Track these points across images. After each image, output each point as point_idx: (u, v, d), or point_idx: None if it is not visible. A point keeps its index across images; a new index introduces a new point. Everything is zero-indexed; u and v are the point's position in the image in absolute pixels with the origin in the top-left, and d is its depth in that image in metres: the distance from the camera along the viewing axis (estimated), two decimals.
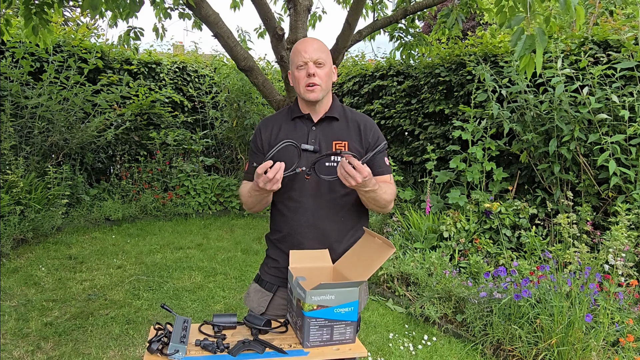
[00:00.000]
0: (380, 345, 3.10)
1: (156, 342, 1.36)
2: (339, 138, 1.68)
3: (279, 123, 1.74)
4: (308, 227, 1.66)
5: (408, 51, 5.57)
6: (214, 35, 4.06)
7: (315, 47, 1.64)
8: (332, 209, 1.67)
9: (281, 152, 1.53)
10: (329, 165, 1.63)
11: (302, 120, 1.71)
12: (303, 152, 1.62)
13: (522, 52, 1.99)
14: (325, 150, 1.65)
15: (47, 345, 2.95)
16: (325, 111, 1.71)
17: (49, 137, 5.93)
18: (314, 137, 1.67)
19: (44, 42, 3.93)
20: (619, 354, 2.69)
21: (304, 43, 1.66)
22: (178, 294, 3.86)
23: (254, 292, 1.79)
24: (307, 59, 1.61)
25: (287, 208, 1.69)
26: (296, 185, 1.66)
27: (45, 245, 4.99)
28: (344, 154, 1.47)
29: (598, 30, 4.38)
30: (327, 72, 1.65)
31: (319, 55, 1.62)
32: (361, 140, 1.69)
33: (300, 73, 1.63)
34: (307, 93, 1.63)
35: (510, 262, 3.79)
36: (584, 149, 4.00)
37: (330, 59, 1.68)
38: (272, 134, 1.71)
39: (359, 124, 1.72)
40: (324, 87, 1.64)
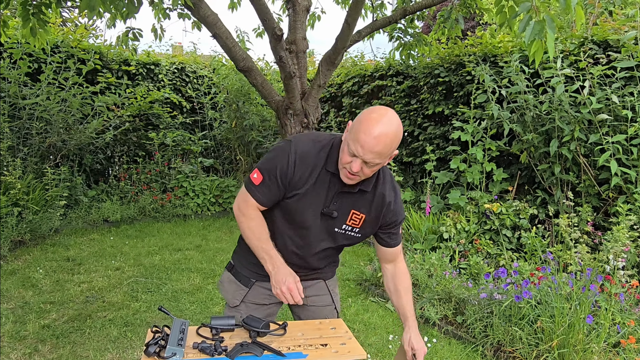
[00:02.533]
0: (380, 347, 3.08)
1: (153, 345, 1.34)
2: (358, 209, 1.59)
3: (314, 168, 1.54)
4: (294, 261, 1.68)
5: (407, 51, 5.56)
6: (212, 36, 4.05)
7: (376, 150, 1.38)
8: (323, 257, 1.72)
9: (302, 204, 1.57)
10: (338, 231, 1.62)
11: (334, 177, 1.55)
12: (322, 214, 1.59)
13: (532, 37, 1.95)
14: (341, 216, 1.59)
15: (45, 348, 2.93)
16: (358, 182, 1.55)
17: (47, 138, 5.91)
18: (337, 201, 1.57)
19: (41, 42, 3.91)
20: (620, 356, 2.67)
21: (367, 135, 1.37)
22: (177, 296, 3.84)
23: (228, 282, 1.79)
24: (360, 156, 1.40)
25: (283, 240, 1.66)
26: (300, 233, 1.64)
27: (43, 247, 4.97)
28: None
29: (598, 30, 4.37)
30: (374, 169, 1.48)
31: (373, 159, 1.40)
32: (379, 217, 1.63)
33: (346, 157, 1.44)
34: (343, 176, 1.50)
35: (511, 263, 3.77)
36: (584, 149, 3.99)
37: (390, 156, 1.46)
38: (303, 177, 1.54)
39: (384, 201, 1.60)
40: (363, 178, 1.51)
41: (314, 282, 1.79)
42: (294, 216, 1.60)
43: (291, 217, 1.61)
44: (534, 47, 2.01)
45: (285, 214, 1.61)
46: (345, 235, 1.63)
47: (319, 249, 1.66)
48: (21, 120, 5.76)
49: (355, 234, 1.64)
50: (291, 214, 1.60)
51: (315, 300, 1.79)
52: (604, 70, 3.82)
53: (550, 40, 1.89)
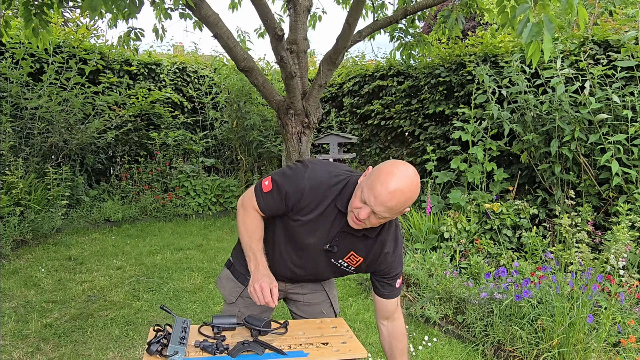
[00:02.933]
0: (381, 347, 3.09)
1: (155, 344, 1.35)
2: (357, 251, 1.60)
3: (323, 200, 1.52)
4: (293, 278, 1.74)
5: (408, 51, 5.56)
6: (213, 36, 4.05)
7: (389, 205, 1.36)
8: (319, 280, 1.78)
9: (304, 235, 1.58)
10: (334, 263, 1.64)
11: (341, 216, 1.53)
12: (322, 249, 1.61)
13: (529, 39, 1.97)
14: (340, 252, 1.60)
15: (47, 346, 2.94)
16: (364, 229, 1.54)
17: (49, 138, 5.93)
18: (339, 238, 1.57)
19: (43, 42, 3.92)
20: (620, 355, 2.68)
21: (383, 189, 1.35)
22: (178, 295, 3.85)
23: (226, 279, 1.82)
24: (371, 206, 1.37)
25: (282, 259, 1.68)
26: (299, 257, 1.66)
27: (45, 246, 4.98)
28: None
29: (598, 30, 4.37)
30: (381, 222, 1.46)
31: (383, 214, 1.39)
32: (375, 263, 1.62)
33: (356, 203, 1.42)
34: (350, 220, 1.48)
35: (511, 262, 3.78)
36: (584, 149, 3.99)
37: (400, 212, 1.43)
38: (310, 206, 1.53)
39: (383, 249, 1.59)
40: (369, 226, 1.49)
41: (313, 283, 1.83)
42: (295, 237, 1.62)
43: (292, 237, 1.63)
44: (531, 49, 2.02)
45: (287, 231, 1.63)
46: (340, 269, 1.66)
47: (315, 270, 1.70)
48: (23, 120, 5.78)
49: (350, 270, 1.67)
50: (292, 235, 1.62)
51: (311, 298, 1.82)
52: (604, 70, 3.83)
53: (547, 42, 1.90)
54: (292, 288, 1.80)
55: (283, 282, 1.76)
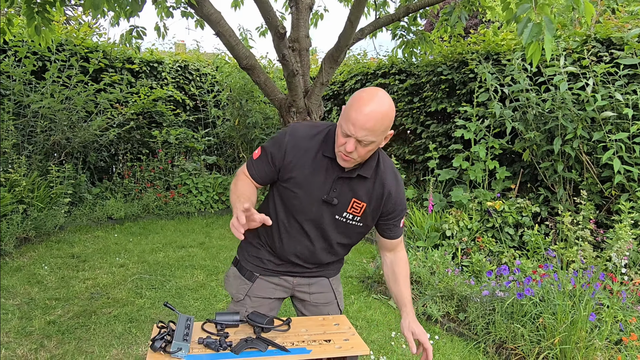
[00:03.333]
0: (383, 344, 3.10)
1: (159, 340, 1.36)
2: (359, 197, 1.59)
3: (309, 152, 1.56)
4: (300, 255, 1.69)
5: (410, 49, 5.56)
6: (215, 34, 4.06)
7: (367, 126, 1.39)
8: (328, 251, 1.71)
9: (300, 191, 1.58)
10: (338, 219, 1.62)
11: (331, 162, 1.55)
12: (322, 201, 1.59)
13: (529, 40, 1.97)
14: (342, 204, 1.59)
15: (51, 343, 2.96)
16: (357, 168, 1.56)
17: (52, 135, 5.94)
18: (337, 187, 1.57)
19: (45, 41, 3.93)
20: (621, 353, 2.68)
21: (358, 113, 1.39)
22: (180, 293, 3.86)
23: (233, 277, 1.79)
24: (352, 135, 1.41)
25: (286, 233, 1.66)
26: (301, 222, 1.64)
27: (48, 244, 5.00)
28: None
29: (601, 28, 4.36)
30: (371, 149, 1.47)
31: (366, 137, 1.41)
32: (379, 206, 1.62)
33: (340, 139, 1.45)
34: (339, 159, 1.51)
35: (513, 260, 3.78)
36: (586, 147, 3.99)
37: (384, 134, 1.45)
38: (297, 160, 1.56)
39: (384, 190, 1.60)
40: (360, 160, 1.51)
41: (317, 280, 1.80)
42: (294, 204, 1.60)
43: (293, 207, 1.61)
44: (531, 49, 2.02)
45: (287, 202, 1.62)
46: (347, 224, 1.63)
47: (324, 241, 1.66)
48: (26, 118, 5.79)
49: (357, 222, 1.64)
50: (292, 203, 1.61)
51: (319, 298, 1.80)
52: (607, 68, 3.82)
53: (547, 42, 1.90)
54: (299, 285, 1.77)
55: (292, 275, 1.75)
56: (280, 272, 1.75)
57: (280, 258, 1.72)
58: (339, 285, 1.88)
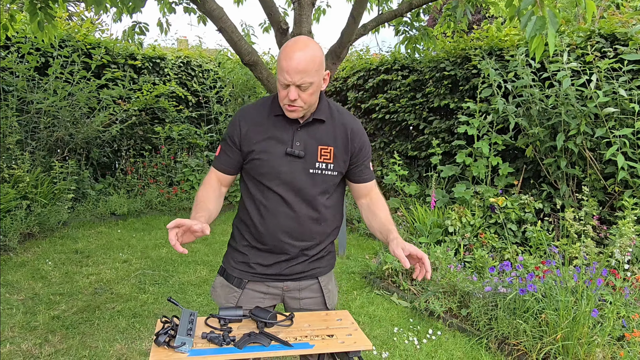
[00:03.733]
0: (385, 339, 3.11)
1: (163, 335, 1.36)
2: (324, 143, 1.60)
3: (261, 117, 1.61)
4: (289, 231, 1.62)
5: (413, 45, 5.54)
6: (218, 30, 4.05)
7: (300, 68, 1.43)
8: (314, 216, 1.64)
9: (264, 155, 1.57)
10: (313, 172, 1.59)
11: (285, 118, 1.58)
12: (287, 156, 1.57)
13: (533, 33, 1.95)
14: (310, 155, 1.59)
15: (55, 338, 2.98)
16: (311, 112, 1.59)
17: (55, 132, 5.95)
18: (299, 140, 1.58)
19: (48, 37, 3.93)
20: (624, 349, 2.68)
21: (288, 60, 1.45)
22: (184, 288, 3.88)
23: (221, 287, 1.73)
24: (290, 82, 1.46)
25: (268, 209, 1.63)
26: (278, 190, 1.60)
27: (52, 239, 5.03)
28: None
29: (605, 23, 4.34)
30: (312, 91, 1.50)
31: (303, 80, 1.45)
32: (347, 147, 1.62)
33: (282, 91, 1.50)
34: (287, 112, 1.54)
35: (516, 256, 3.78)
36: (590, 143, 3.98)
37: (319, 73, 1.49)
38: (251, 131, 1.60)
39: (346, 128, 1.63)
40: (306, 107, 1.53)
41: (308, 283, 1.73)
42: (263, 172, 1.59)
43: (263, 176, 1.59)
44: (534, 43, 2.00)
45: (258, 177, 1.61)
46: (323, 175, 1.61)
47: (306, 204, 1.62)
48: (29, 114, 5.81)
49: (332, 171, 1.62)
50: (261, 172, 1.59)
51: (309, 303, 1.74)
52: (611, 63, 3.80)
53: (551, 36, 1.88)
54: (289, 290, 1.72)
55: (281, 280, 1.69)
56: (269, 277, 1.68)
57: (269, 247, 1.65)
58: (330, 283, 1.80)
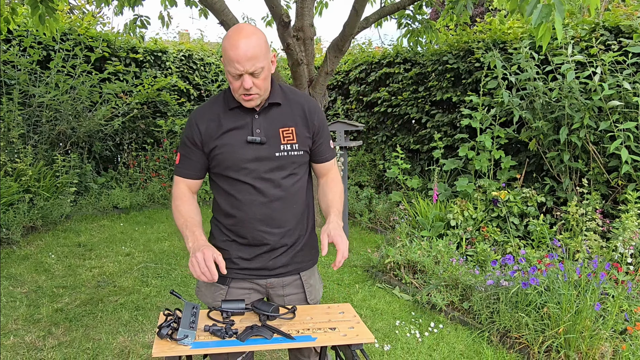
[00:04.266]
0: (387, 332, 3.12)
1: (166, 328, 1.37)
2: (284, 124, 1.59)
3: (216, 114, 1.59)
4: (262, 219, 1.61)
5: (415, 38, 5.52)
6: (219, 23, 4.04)
7: (249, 55, 1.41)
8: (283, 200, 1.62)
9: (226, 147, 1.56)
10: (279, 155, 1.58)
11: (241, 109, 1.57)
12: (250, 144, 1.56)
13: (539, 21, 1.91)
14: (273, 139, 1.57)
15: (58, 330, 2.99)
16: (266, 98, 1.57)
17: (57, 125, 5.96)
18: (259, 127, 1.57)
19: (50, 30, 3.92)
20: (626, 342, 2.68)
21: (235, 49, 1.42)
22: (186, 281, 3.89)
23: (205, 286, 1.71)
24: (242, 71, 1.44)
25: (237, 200, 1.62)
26: (245, 179, 1.58)
27: (55, 232, 5.04)
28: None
29: (609, 15, 4.30)
30: (265, 76, 1.49)
31: (255, 66, 1.43)
32: (307, 124, 1.62)
33: (235, 82, 1.48)
34: (244, 102, 1.52)
35: (518, 250, 3.78)
36: (593, 136, 3.96)
37: (267, 57, 1.48)
38: (211, 126, 1.58)
39: (302, 107, 1.63)
40: (262, 93, 1.52)
41: (291, 279, 1.72)
42: (230, 165, 1.58)
43: (229, 169, 1.58)
44: (541, 31, 1.96)
45: (225, 171, 1.59)
46: (289, 157, 1.60)
47: (275, 187, 1.60)
48: (31, 108, 5.81)
49: (297, 151, 1.61)
50: (227, 165, 1.58)
51: (293, 300, 1.73)
52: (615, 56, 3.77)
53: (558, 23, 1.84)
54: (273, 287, 1.71)
55: (264, 277, 1.68)
56: (252, 272, 1.67)
57: (248, 240, 1.65)
58: (312, 278, 1.77)
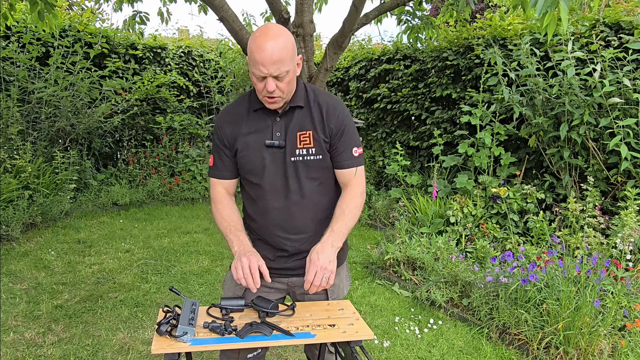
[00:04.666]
0: (387, 329, 3.12)
1: (165, 324, 1.37)
2: (302, 128, 1.59)
3: (240, 116, 1.63)
4: (282, 224, 1.62)
5: (415, 34, 5.49)
6: (219, 19, 4.02)
7: (274, 59, 1.42)
8: (302, 205, 1.62)
9: (247, 150, 1.58)
10: (294, 160, 1.59)
11: (264, 111, 1.60)
12: (269, 148, 1.58)
13: (544, 10, 1.86)
14: (290, 143, 1.58)
15: (58, 327, 3.00)
16: (287, 102, 1.58)
17: (56, 122, 5.95)
18: (279, 130, 1.58)
19: (49, 27, 3.90)
20: (625, 339, 2.69)
21: (261, 52, 1.42)
22: (186, 278, 3.89)
23: (230, 279, 1.74)
24: (266, 74, 1.45)
25: (258, 204, 1.64)
26: (264, 183, 1.60)
27: (54, 229, 5.04)
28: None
29: (610, 12, 4.29)
30: (289, 80, 1.49)
31: (279, 70, 1.44)
32: (324, 127, 1.60)
33: (259, 84, 1.49)
34: (267, 104, 1.54)
35: (517, 247, 3.78)
36: (593, 133, 3.95)
37: (293, 60, 1.49)
38: (234, 129, 1.61)
39: (321, 108, 1.61)
40: (285, 95, 1.53)
41: None
42: (250, 168, 1.60)
43: (250, 172, 1.60)
44: (546, 19, 1.89)
45: (248, 176, 1.62)
46: (305, 162, 1.59)
47: (295, 195, 1.60)
48: (30, 104, 5.80)
49: (314, 155, 1.59)
50: (248, 169, 1.60)
51: (313, 297, 1.73)
52: (615, 53, 3.76)
53: (563, 12, 1.78)
54: (294, 286, 1.73)
55: (286, 276, 1.70)
56: (275, 271, 1.67)
57: (269, 242, 1.67)
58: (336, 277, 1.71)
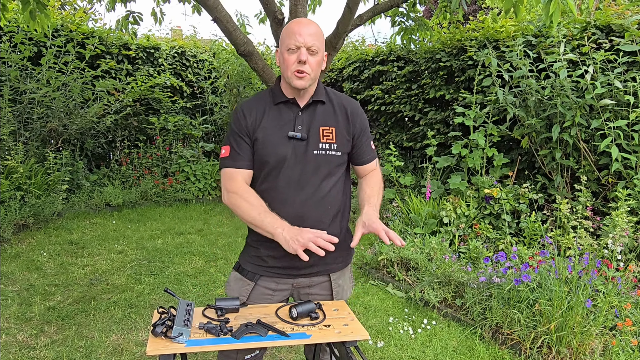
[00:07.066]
0: (380, 329, 3.13)
1: (160, 326, 1.37)
2: (326, 123, 1.63)
3: (262, 107, 1.63)
4: (294, 218, 1.58)
5: (409, 36, 5.51)
6: (213, 20, 4.02)
7: (311, 31, 1.52)
8: (318, 199, 1.62)
9: (267, 141, 1.58)
10: (317, 154, 1.60)
11: (287, 105, 1.63)
12: (290, 140, 1.59)
13: None
14: (313, 137, 1.60)
15: (51, 329, 2.98)
16: (310, 95, 1.63)
17: (48, 122, 5.91)
18: (301, 124, 1.61)
19: (41, 26, 3.88)
20: (616, 338, 2.72)
21: (299, 24, 1.53)
22: (179, 279, 3.88)
23: (234, 280, 1.74)
24: (301, 44, 1.51)
25: (271, 198, 1.60)
26: (282, 176, 1.60)
27: (46, 230, 5.01)
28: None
29: (601, 15, 4.34)
30: (318, 60, 1.56)
31: (314, 42, 1.52)
32: (348, 127, 1.66)
33: (291, 57, 1.53)
34: (295, 80, 1.54)
35: (510, 247, 3.81)
36: (584, 134, 3.99)
37: (323, 47, 1.58)
38: (257, 119, 1.61)
39: (345, 109, 1.67)
40: (312, 76, 1.55)
41: (319, 280, 1.73)
42: (269, 161, 1.59)
43: (268, 164, 1.60)
44: (552, 7, 1.89)
45: (265, 167, 1.61)
46: (327, 156, 1.61)
47: (310, 186, 1.60)
48: (22, 104, 5.75)
49: (335, 151, 1.63)
50: (267, 160, 1.59)
51: (317, 299, 1.74)
52: (606, 55, 3.80)
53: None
54: (299, 287, 1.73)
55: (292, 276, 1.69)
56: (280, 271, 1.68)
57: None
58: (341, 278, 1.77)
